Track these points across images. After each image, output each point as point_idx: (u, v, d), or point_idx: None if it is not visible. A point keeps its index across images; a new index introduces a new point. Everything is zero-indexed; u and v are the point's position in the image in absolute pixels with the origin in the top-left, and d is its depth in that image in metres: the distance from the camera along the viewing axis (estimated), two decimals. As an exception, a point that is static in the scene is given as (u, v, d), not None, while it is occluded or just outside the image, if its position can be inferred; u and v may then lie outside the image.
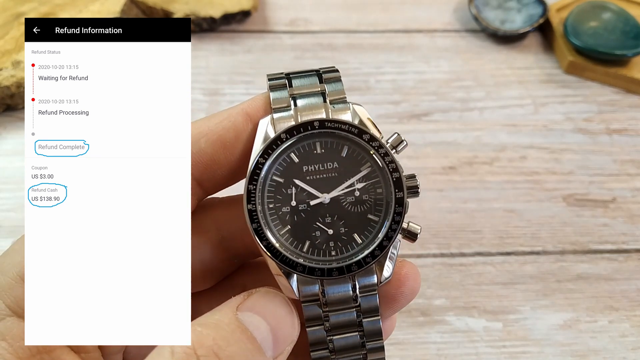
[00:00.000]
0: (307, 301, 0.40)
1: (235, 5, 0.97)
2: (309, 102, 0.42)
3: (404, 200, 0.40)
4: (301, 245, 0.40)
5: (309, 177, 0.41)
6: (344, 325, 0.41)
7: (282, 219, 0.41)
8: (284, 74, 0.43)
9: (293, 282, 0.39)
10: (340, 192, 0.41)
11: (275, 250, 0.39)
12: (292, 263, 0.39)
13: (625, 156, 0.84)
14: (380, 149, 0.41)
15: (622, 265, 0.72)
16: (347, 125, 0.41)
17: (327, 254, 0.40)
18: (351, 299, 0.40)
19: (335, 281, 0.39)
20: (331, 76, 0.43)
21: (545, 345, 0.65)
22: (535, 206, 0.77)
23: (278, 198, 0.41)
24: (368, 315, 0.41)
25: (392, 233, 0.40)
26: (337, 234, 0.41)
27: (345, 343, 0.41)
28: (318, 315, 0.40)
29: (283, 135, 0.40)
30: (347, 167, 0.41)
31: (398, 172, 0.41)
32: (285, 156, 0.41)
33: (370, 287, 0.40)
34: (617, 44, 0.91)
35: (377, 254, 0.39)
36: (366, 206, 0.41)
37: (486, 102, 0.90)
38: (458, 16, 1.04)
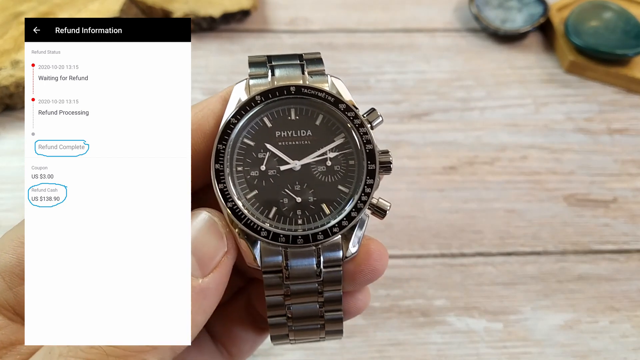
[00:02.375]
0: (268, 272, 0.39)
1: (235, 4, 0.97)
2: (287, 72, 0.42)
3: (376, 173, 0.40)
4: (267, 211, 0.40)
5: (281, 143, 0.41)
6: (304, 292, 0.40)
7: (249, 183, 0.40)
8: (265, 55, 0.43)
9: (257, 251, 0.38)
10: (312, 160, 0.40)
11: (240, 213, 0.38)
12: (256, 227, 0.38)
13: (627, 156, 0.84)
14: (355, 119, 0.41)
15: (623, 265, 0.72)
16: (323, 93, 0.41)
17: (294, 222, 0.40)
18: (314, 273, 0.39)
19: (299, 253, 0.38)
20: (312, 56, 0.43)
21: (546, 345, 0.65)
22: (536, 206, 0.77)
23: (247, 161, 0.40)
24: (329, 285, 0.40)
25: (362, 205, 0.39)
26: (305, 203, 0.40)
27: (304, 310, 0.41)
28: (278, 283, 0.39)
29: (257, 98, 0.40)
30: (320, 135, 0.41)
31: (371, 144, 0.40)
32: (258, 119, 0.41)
33: (335, 261, 0.39)
34: (618, 44, 0.91)
35: (344, 224, 0.39)
36: (337, 177, 0.41)
37: (487, 102, 0.89)
38: (458, 15, 1.04)
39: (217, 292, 0.36)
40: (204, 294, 0.35)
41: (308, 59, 0.43)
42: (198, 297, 0.34)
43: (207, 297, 0.35)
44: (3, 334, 0.35)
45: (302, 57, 0.43)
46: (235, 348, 0.48)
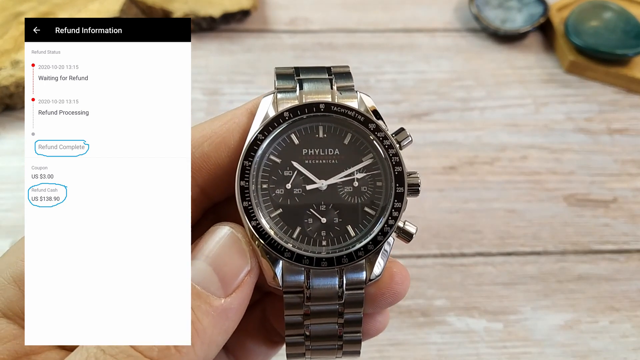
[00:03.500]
0: (290, 292, 0.38)
1: (235, 4, 0.97)
2: (316, 86, 0.41)
3: (404, 197, 0.39)
4: (291, 231, 0.39)
5: (307, 161, 0.39)
6: (324, 313, 0.39)
7: (274, 201, 0.39)
8: (292, 67, 0.42)
9: (278, 270, 0.37)
10: (339, 180, 0.39)
11: (264, 232, 0.37)
12: (280, 248, 0.37)
13: (627, 156, 0.84)
14: (385, 140, 0.40)
15: (623, 265, 0.72)
16: (353, 111, 0.39)
17: (318, 243, 0.39)
18: (336, 294, 0.38)
19: (322, 273, 0.38)
20: (341, 70, 0.42)
21: (546, 345, 0.65)
22: (536, 206, 0.77)
23: (273, 179, 0.39)
24: (350, 308, 0.39)
25: (388, 229, 0.38)
26: (330, 224, 0.39)
27: (323, 330, 0.40)
28: (299, 303, 0.38)
29: (286, 114, 0.39)
30: (348, 155, 0.40)
31: (401, 166, 0.39)
32: (286, 136, 0.40)
33: (358, 283, 0.38)
34: (618, 44, 0.91)
35: (370, 248, 0.38)
36: (364, 198, 0.39)
37: (487, 102, 0.89)
38: (458, 15, 1.04)
39: (239, 312, 0.35)
40: (226, 314, 0.34)
41: (337, 73, 0.42)
42: (220, 318, 0.33)
43: (228, 318, 0.34)
44: (18, 343, 0.35)
45: (331, 70, 0.42)
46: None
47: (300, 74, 0.41)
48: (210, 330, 0.33)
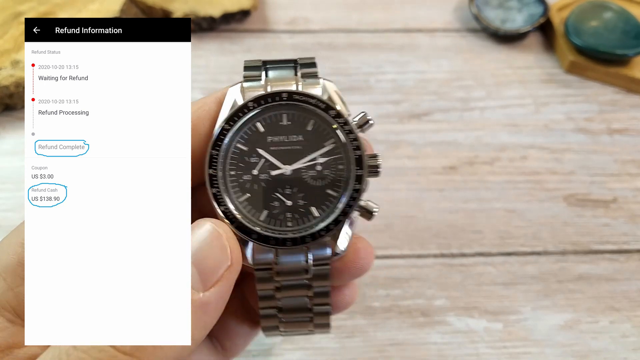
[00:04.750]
0: (260, 269, 0.41)
1: (235, 4, 0.97)
2: (280, 73, 0.43)
3: (363, 178, 0.41)
4: (259, 214, 0.41)
5: (272, 148, 0.42)
6: (294, 287, 0.42)
7: (242, 187, 0.41)
8: (261, 60, 0.44)
9: (248, 250, 0.40)
10: (302, 165, 0.42)
11: (232, 216, 0.40)
12: (247, 230, 0.40)
13: (627, 156, 0.84)
14: (345, 125, 0.41)
15: (623, 265, 0.72)
16: (314, 99, 0.41)
17: (284, 224, 0.41)
18: (303, 269, 0.41)
19: (289, 251, 0.40)
20: (306, 60, 0.44)
21: (546, 345, 0.65)
22: (536, 206, 0.77)
23: (240, 166, 0.41)
24: (317, 281, 0.42)
25: (349, 209, 0.41)
26: (295, 206, 0.41)
27: (293, 303, 0.43)
28: (269, 277, 0.41)
29: (250, 104, 0.41)
30: (311, 141, 0.42)
31: (360, 150, 0.41)
32: (251, 125, 0.42)
33: (323, 259, 0.41)
34: (618, 44, 0.91)
35: (331, 227, 0.40)
36: (327, 181, 0.42)
37: (487, 102, 0.89)
38: (458, 15, 1.04)
39: (218, 307, 0.36)
40: (204, 308, 0.34)
41: (302, 63, 0.44)
42: (198, 312, 0.34)
43: (207, 312, 0.35)
44: (1, 336, 0.35)
45: (297, 61, 0.44)
46: (230, 342, 0.48)
47: (267, 65, 0.43)
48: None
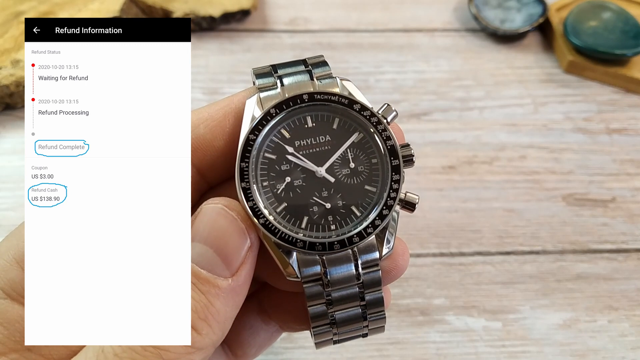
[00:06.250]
0: (308, 282, 0.39)
1: (235, 4, 0.97)
2: (296, 79, 0.41)
3: (400, 169, 0.40)
4: (299, 222, 0.39)
5: (302, 152, 0.40)
6: (346, 298, 0.40)
7: (277, 197, 0.40)
8: (269, 65, 0.43)
9: (293, 263, 0.38)
10: (335, 159, 0.40)
11: (272, 227, 0.38)
12: (291, 239, 0.38)
13: (625, 156, 0.84)
14: (372, 117, 0.41)
15: (621, 264, 0.72)
16: (336, 96, 0.40)
17: (327, 228, 0.39)
18: (354, 277, 0.39)
19: (337, 259, 0.38)
20: (316, 60, 0.43)
21: (544, 344, 0.65)
22: (534, 206, 0.78)
23: (272, 175, 0.40)
24: (370, 288, 0.40)
25: (391, 202, 0.39)
26: (335, 208, 0.40)
27: (347, 316, 0.41)
28: (319, 292, 0.39)
29: (272, 111, 0.40)
30: (339, 138, 0.41)
31: (392, 140, 0.40)
32: (276, 132, 0.40)
33: (373, 262, 0.39)
34: (617, 44, 0.91)
35: (377, 223, 0.39)
36: (362, 177, 0.41)
37: (486, 102, 0.90)
38: (458, 15, 1.04)
39: (246, 285, 0.36)
40: (235, 291, 0.35)
41: (313, 64, 0.42)
42: (230, 296, 0.34)
43: (238, 294, 0.35)
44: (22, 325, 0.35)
45: (307, 62, 0.43)
46: (241, 351, 0.48)
47: (278, 71, 0.42)
48: (224, 310, 0.34)
